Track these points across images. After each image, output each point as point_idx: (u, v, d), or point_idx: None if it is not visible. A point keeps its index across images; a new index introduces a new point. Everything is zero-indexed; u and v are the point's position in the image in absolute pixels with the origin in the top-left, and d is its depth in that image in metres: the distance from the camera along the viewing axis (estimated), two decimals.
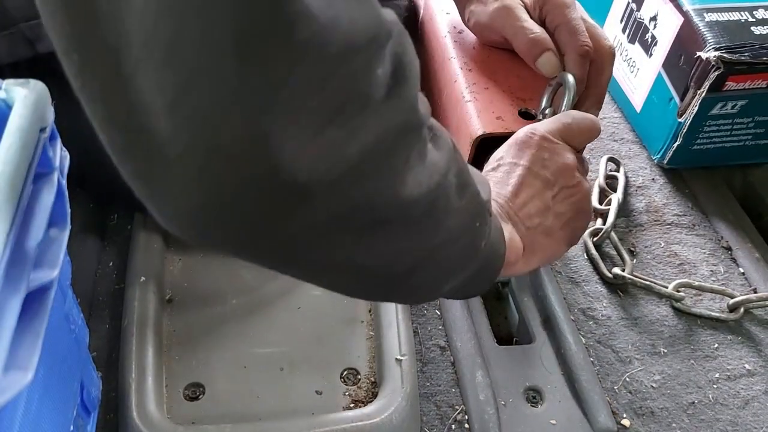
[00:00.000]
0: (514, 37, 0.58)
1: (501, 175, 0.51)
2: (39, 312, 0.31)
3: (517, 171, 0.50)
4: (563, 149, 0.52)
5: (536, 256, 0.51)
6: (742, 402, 0.57)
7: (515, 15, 0.58)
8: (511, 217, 0.49)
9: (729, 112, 0.71)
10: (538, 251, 0.51)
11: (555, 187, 0.51)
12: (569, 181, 0.51)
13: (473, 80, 0.64)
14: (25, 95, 0.32)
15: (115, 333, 0.56)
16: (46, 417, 0.37)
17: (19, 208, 0.29)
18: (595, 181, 0.73)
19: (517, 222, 0.49)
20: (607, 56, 0.57)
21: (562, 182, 0.51)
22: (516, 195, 0.50)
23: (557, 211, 0.51)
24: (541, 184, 0.50)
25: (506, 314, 0.65)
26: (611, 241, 0.67)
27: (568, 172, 0.51)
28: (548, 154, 0.51)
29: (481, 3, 0.62)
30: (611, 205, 0.69)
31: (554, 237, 0.52)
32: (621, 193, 0.72)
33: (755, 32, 0.68)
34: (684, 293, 0.63)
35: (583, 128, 0.53)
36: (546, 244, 0.51)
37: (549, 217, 0.51)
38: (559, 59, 0.56)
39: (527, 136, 0.51)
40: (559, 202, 0.52)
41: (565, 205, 0.52)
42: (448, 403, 0.55)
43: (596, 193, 0.72)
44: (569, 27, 0.56)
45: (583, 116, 0.53)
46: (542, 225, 0.50)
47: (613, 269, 0.64)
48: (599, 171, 0.74)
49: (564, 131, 0.52)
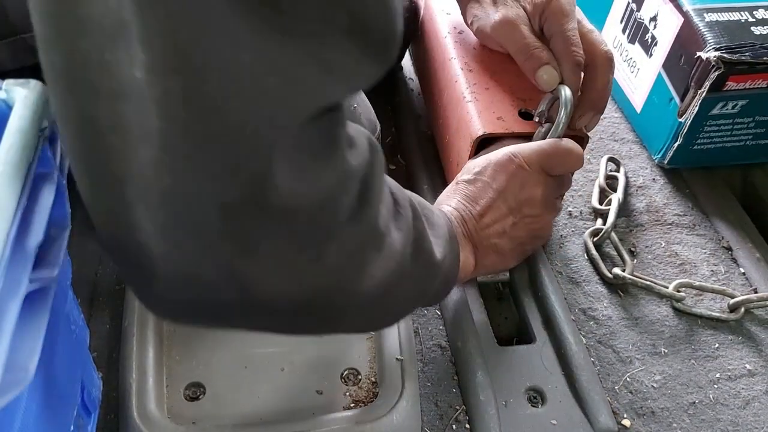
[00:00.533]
0: (515, 52, 0.61)
1: (474, 191, 0.56)
2: (39, 312, 0.31)
3: (488, 193, 0.55)
4: (536, 181, 0.56)
5: (482, 269, 0.57)
6: (742, 402, 0.57)
7: (518, 30, 0.60)
8: (472, 236, 0.55)
9: (729, 112, 0.71)
10: (485, 266, 0.57)
11: (518, 215, 0.56)
12: (532, 212, 0.56)
13: (474, 81, 0.64)
14: (25, 95, 0.32)
15: (115, 333, 0.56)
16: (46, 417, 0.37)
17: (19, 208, 0.29)
18: (595, 181, 0.73)
19: (475, 241, 0.55)
20: (603, 61, 0.58)
21: (526, 211, 0.56)
22: (482, 215, 0.55)
23: (513, 235, 0.57)
24: (506, 210, 0.55)
25: (507, 314, 0.65)
26: (611, 242, 0.67)
27: (534, 203, 0.56)
28: (520, 183, 0.55)
29: (483, 8, 0.62)
30: (611, 205, 0.69)
31: (504, 255, 0.57)
32: (621, 193, 0.72)
33: (755, 32, 0.68)
34: (684, 293, 0.63)
35: (564, 159, 0.57)
36: (495, 260, 0.57)
37: (504, 239, 0.56)
38: (558, 73, 0.58)
39: (508, 159, 0.55)
40: (518, 228, 0.57)
41: (523, 231, 0.57)
42: (448, 403, 0.55)
43: (596, 193, 0.72)
44: (564, 37, 0.57)
45: (567, 149, 0.56)
46: (497, 245, 0.56)
47: (614, 269, 0.64)
48: (599, 171, 0.74)
49: (544, 160, 0.56)
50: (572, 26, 0.58)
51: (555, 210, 0.60)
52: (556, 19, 0.58)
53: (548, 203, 0.57)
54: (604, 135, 0.80)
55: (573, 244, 0.68)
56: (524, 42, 0.59)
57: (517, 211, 0.56)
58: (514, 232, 0.56)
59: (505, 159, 0.55)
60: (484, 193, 0.55)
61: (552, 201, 0.58)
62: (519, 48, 0.60)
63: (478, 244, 0.55)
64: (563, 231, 0.69)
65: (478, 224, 0.55)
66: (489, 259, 0.56)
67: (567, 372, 0.57)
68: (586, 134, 0.61)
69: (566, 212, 0.71)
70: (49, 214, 0.32)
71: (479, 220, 0.55)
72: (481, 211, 0.55)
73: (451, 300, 0.60)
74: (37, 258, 0.31)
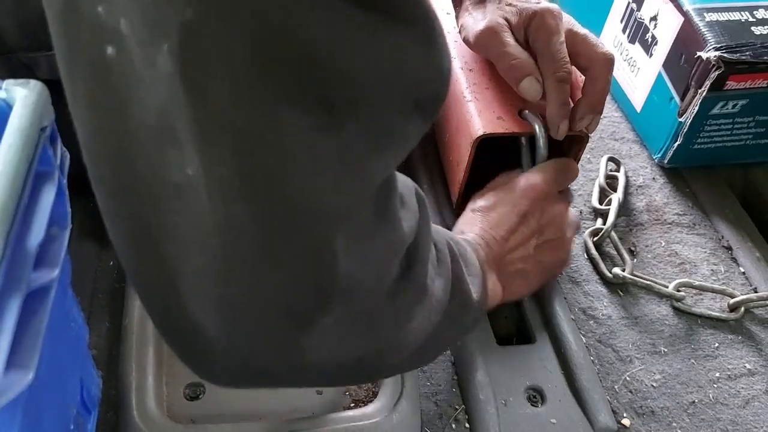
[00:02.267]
0: (498, 61, 0.60)
1: (496, 216, 0.56)
2: (39, 312, 0.31)
3: (511, 218, 0.55)
4: (556, 201, 0.57)
5: (509, 296, 0.56)
6: (742, 401, 0.57)
7: (499, 39, 0.59)
8: (496, 261, 0.54)
9: (729, 112, 0.71)
10: (512, 292, 0.56)
11: (541, 238, 0.56)
12: (555, 234, 0.57)
13: (474, 80, 0.64)
14: (25, 95, 0.32)
15: (115, 332, 0.56)
16: (46, 416, 0.37)
17: (19, 208, 0.29)
18: (595, 180, 0.73)
19: (501, 266, 0.54)
20: (601, 64, 0.57)
21: (549, 234, 0.57)
22: (506, 239, 0.55)
23: (538, 259, 0.56)
24: (529, 233, 0.56)
25: (506, 314, 0.65)
26: (611, 241, 0.67)
27: (556, 225, 0.57)
28: (541, 206, 0.56)
29: (471, 16, 0.62)
30: (611, 204, 0.69)
31: (529, 279, 0.57)
32: (621, 193, 0.72)
33: (755, 32, 0.68)
34: (684, 293, 0.63)
35: (567, 174, 0.60)
36: (521, 284, 0.57)
37: (529, 263, 0.56)
38: (541, 84, 0.57)
39: (528, 185, 0.56)
40: (542, 252, 0.57)
41: (547, 255, 0.57)
42: (448, 403, 0.55)
43: (596, 192, 0.72)
44: (549, 53, 0.57)
45: (566, 162, 0.60)
46: (522, 270, 0.56)
47: (614, 269, 0.64)
48: (600, 171, 0.74)
49: (554, 179, 0.58)
50: (557, 41, 0.57)
51: (574, 227, 0.60)
52: (541, 34, 0.57)
53: (567, 221, 0.59)
54: (604, 134, 0.80)
55: (573, 244, 0.68)
56: (506, 51, 0.58)
57: (539, 234, 0.56)
58: (539, 256, 0.56)
59: (525, 184, 0.56)
60: (506, 217, 0.55)
61: (570, 218, 0.59)
62: (500, 56, 0.59)
63: (503, 268, 0.54)
64: None
65: (503, 248, 0.54)
66: (516, 285, 0.56)
67: (567, 371, 0.57)
68: (587, 134, 0.61)
69: None
70: (49, 214, 0.32)
71: (504, 244, 0.54)
72: (506, 235, 0.54)
73: None
74: (37, 258, 0.31)
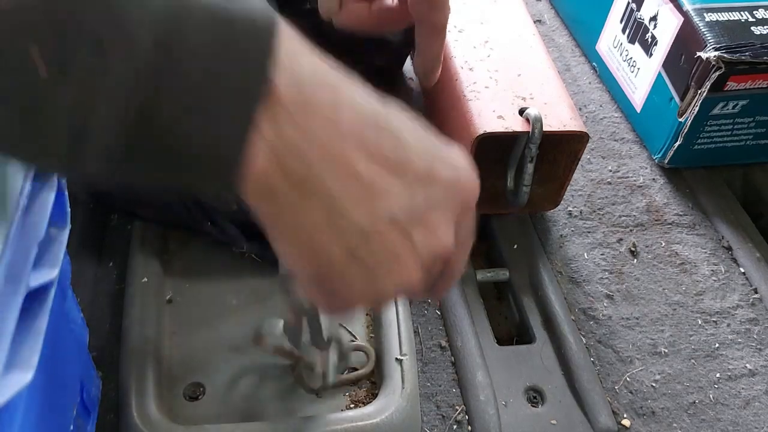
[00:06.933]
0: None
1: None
2: (39, 312, 0.31)
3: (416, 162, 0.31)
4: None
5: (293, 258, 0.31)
6: (743, 402, 0.57)
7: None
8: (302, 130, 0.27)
9: (730, 112, 0.71)
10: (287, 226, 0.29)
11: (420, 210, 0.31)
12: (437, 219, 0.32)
13: (473, 79, 0.64)
14: None
15: (115, 333, 0.56)
16: (46, 417, 0.36)
17: (19, 208, 0.29)
18: (596, 180, 0.73)
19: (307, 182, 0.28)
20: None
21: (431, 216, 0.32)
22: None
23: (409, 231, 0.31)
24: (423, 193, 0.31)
25: (506, 314, 0.65)
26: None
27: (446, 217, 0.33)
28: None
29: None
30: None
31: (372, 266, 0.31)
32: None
33: (755, 32, 0.68)
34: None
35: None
36: (319, 221, 0.29)
37: (392, 229, 0.30)
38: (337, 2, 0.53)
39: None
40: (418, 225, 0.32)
41: (422, 234, 0.32)
42: (448, 404, 0.55)
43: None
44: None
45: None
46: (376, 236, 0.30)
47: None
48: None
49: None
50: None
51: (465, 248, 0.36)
52: None
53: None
54: (604, 135, 0.80)
55: (573, 244, 0.68)
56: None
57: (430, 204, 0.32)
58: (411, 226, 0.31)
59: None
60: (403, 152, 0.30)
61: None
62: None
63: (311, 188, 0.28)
64: (563, 231, 0.69)
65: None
66: (305, 217, 0.29)
67: (567, 372, 0.57)
68: (587, 134, 0.60)
69: (566, 212, 0.71)
70: (49, 214, 0.32)
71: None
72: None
73: (450, 300, 0.60)
74: (37, 258, 0.31)
